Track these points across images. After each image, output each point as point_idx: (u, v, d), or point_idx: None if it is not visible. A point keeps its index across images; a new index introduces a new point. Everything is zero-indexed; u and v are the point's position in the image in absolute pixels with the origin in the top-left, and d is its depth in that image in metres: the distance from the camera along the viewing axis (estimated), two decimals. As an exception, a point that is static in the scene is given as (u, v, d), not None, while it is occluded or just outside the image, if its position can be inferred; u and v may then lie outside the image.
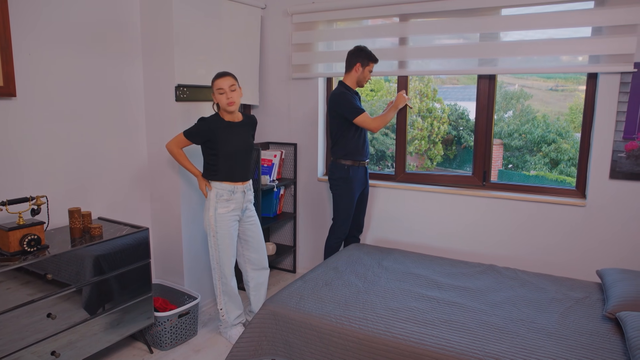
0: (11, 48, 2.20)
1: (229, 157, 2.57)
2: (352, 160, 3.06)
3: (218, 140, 2.51)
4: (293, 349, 2.09)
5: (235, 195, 2.60)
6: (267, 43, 3.69)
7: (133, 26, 2.84)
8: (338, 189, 3.11)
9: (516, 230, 3.06)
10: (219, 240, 2.61)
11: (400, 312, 2.11)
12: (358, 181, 3.11)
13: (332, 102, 3.00)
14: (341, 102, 2.96)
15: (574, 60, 2.84)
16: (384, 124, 3.01)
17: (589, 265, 2.87)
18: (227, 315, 2.74)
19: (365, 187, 3.22)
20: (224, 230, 2.59)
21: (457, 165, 5.55)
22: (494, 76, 3.09)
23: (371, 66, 3.03)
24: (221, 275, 2.67)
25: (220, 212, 2.57)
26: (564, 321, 2.05)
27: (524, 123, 5.35)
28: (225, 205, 2.58)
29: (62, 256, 2.10)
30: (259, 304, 2.82)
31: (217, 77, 2.52)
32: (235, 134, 2.58)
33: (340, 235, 3.20)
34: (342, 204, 3.11)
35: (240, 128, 2.62)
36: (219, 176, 2.57)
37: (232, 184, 2.59)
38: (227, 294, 2.72)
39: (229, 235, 2.61)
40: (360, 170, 3.12)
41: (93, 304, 2.25)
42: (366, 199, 3.27)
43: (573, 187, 3.01)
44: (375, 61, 3.02)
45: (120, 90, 2.82)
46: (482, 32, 3.00)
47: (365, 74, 3.02)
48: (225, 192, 2.58)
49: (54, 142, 2.48)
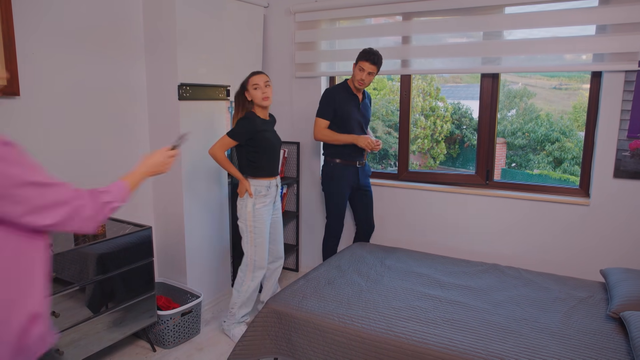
0: (15, 47, 2.21)
1: (269, 152, 2.66)
2: (340, 159, 3.06)
3: (261, 137, 2.60)
4: (296, 347, 2.09)
5: (270, 190, 2.70)
6: (270, 42, 3.69)
7: (136, 25, 2.85)
8: (327, 187, 3.13)
9: (519, 229, 3.05)
10: (256, 236, 2.66)
11: (402, 311, 2.11)
12: (347, 180, 3.09)
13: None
14: (321, 99, 3.04)
15: (577, 59, 2.82)
16: (325, 140, 3.04)
17: (592, 265, 2.86)
18: (237, 310, 2.75)
19: (361, 186, 3.15)
20: (261, 225, 2.67)
21: (460, 164, 5.54)
22: (497, 75, 3.08)
23: (361, 64, 2.88)
24: (253, 269, 2.70)
25: (257, 208, 2.65)
26: (568, 321, 2.05)
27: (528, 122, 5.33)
28: (262, 200, 2.67)
29: (65, 254, 2.10)
30: (269, 293, 2.94)
31: (253, 74, 2.62)
32: (270, 131, 2.71)
33: (334, 234, 3.20)
34: (331, 203, 3.13)
35: (270, 125, 2.75)
36: (261, 173, 2.66)
37: (269, 179, 2.69)
38: (251, 290, 2.73)
39: (264, 229, 2.68)
40: (350, 170, 3.08)
41: (96, 302, 2.26)
42: (367, 198, 3.22)
43: (577, 186, 3.00)
44: (367, 60, 2.85)
45: (123, 89, 2.82)
46: (486, 30, 2.99)
47: (355, 73, 2.94)
48: (263, 187, 2.66)
49: (57, 141, 2.49)
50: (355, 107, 3.03)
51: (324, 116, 3.01)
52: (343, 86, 3.05)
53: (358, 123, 3.04)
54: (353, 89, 3.02)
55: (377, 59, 2.88)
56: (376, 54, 2.88)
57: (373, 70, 2.89)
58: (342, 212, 3.15)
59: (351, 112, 3.01)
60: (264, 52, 3.68)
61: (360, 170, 3.13)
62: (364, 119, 3.10)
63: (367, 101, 3.17)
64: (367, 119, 3.13)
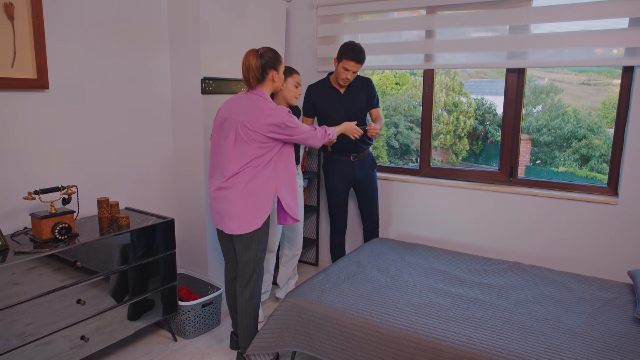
0: (44, 41, 2.27)
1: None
2: (334, 153, 3.07)
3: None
4: (314, 341, 2.11)
5: None
6: (292, 36, 3.69)
7: (160, 19, 2.89)
8: (325, 182, 3.17)
9: (543, 227, 2.99)
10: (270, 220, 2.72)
11: (422, 308, 2.09)
12: (342, 174, 3.08)
13: None
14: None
15: (608, 53, 2.74)
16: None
17: (620, 266, 2.78)
18: None
19: (360, 180, 3.10)
20: (274, 212, 2.74)
21: (483, 160, 5.45)
22: (523, 70, 3.01)
23: (345, 63, 2.77)
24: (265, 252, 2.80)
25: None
26: (592, 322, 2.00)
27: (554, 118, 5.20)
28: None
29: (91, 244, 2.16)
30: (285, 278, 3.14)
31: (296, 72, 2.68)
32: None
33: (336, 230, 3.22)
34: (329, 197, 3.18)
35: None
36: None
37: None
38: (264, 270, 2.86)
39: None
40: (344, 164, 3.06)
41: (120, 291, 2.32)
42: (368, 193, 3.17)
43: (604, 184, 2.92)
44: (352, 59, 2.75)
45: (148, 83, 2.87)
46: (512, 24, 2.92)
47: (338, 71, 2.84)
48: None
49: (83, 133, 2.55)
50: (336, 101, 2.98)
51: (305, 114, 3.07)
52: (323, 81, 3.03)
53: (343, 116, 2.93)
54: (334, 84, 2.98)
55: (362, 57, 2.80)
56: (362, 52, 2.79)
57: (358, 69, 2.83)
58: (342, 207, 3.16)
59: (331, 107, 2.98)
60: (286, 47, 3.68)
61: (357, 164, 3.08)
62: (353, 109, 2.96)
63: (359, 88, 3.00)
64: (356, 107, 2.98)
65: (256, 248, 2.29)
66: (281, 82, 2.35)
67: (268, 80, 2.25)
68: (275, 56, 2.26)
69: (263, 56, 2.21)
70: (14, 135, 2.25)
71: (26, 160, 2.31)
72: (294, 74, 2.66)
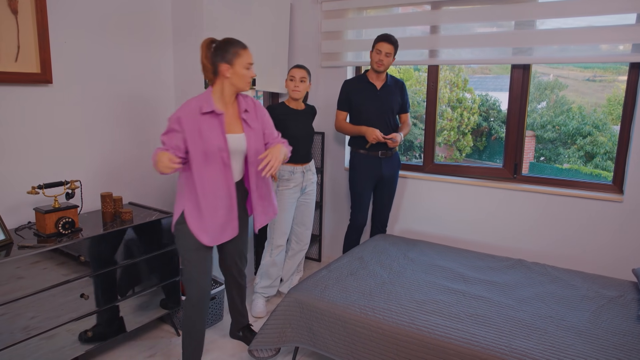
0: (48, 36, 2.26)
1: (289, 140, 2.67)
2: (361, 149, 3.05)
3: (281, 125, 2.73)
4: (317, 337, 2.11)
5: (294, 175, 2.86)
6: (296, 31, 3.68)
7: (165, 14, 2.88)
8: (351, 177, 3.14)
9: (547, 224, 2.98)
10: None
11: (425, 305, 2.09)
12: (368, 171, 3.05)
13: None
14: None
15: (615, 49, 2.71)
16: (341, 131, 3.14)
17: (624, 264, 2.77)
18: (260, 281, 2.97)
19: (384, 179, 3.09)
20: (281, 205, 2.83)
21: (486, 156, 5.43)
22: (528, 66, 2.99)
23: (378, 45, 2.86)
24: (271, 246, 2.91)
25: (280, 190, 2.85)
26: (596, 320, 1.99)
27: (558, 114, 5.17)
28: (285, 184, 2.85)
29: (94, 239, 2.16)
30: (289, 272, 3.15)
31: (295, 66, 2.79)
32: (298, 121, 2.86)
33: (355, 227, 3.18)
34: (353, 193, 3.15)
35: (302, 116, 2.89)
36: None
37: (292, 165, 2.84)
38: (269, 264, 2.93)
39: (284, 210, 2.85)
40: (371, 160, 3.04)
41: (123, 286, 2.32)
42: (389, 192, 3.16)
43: (609, 181, 2.90)
44: (382, 39, 2.85)
45: (152, 78, 2.86)
46: (517, 19, 2.90)
47: (372, 57, 2.92)
48: (286, 172, 2.84)
49: (87, 128, 2.55)
50: (371, 97, 2.98)
51: (340, 107, 3.09)
52: (360, 77, 3.04)
53: (377, 113, 2.98)
54: (371, 79, 2.99)
55: (393, 38, 2.88)
56: (392, 35, 2.89)
57: (390, 50, 2.86)
58: (365, 204, 3.13)
59: (365, 103, 2.98)
60: (290, 42, 3.67)
61: (384, 161, 3.06)
62: (386, 108, 2.99)
63: (394, 88, 3.04)
64: (390, 107, 3.01)
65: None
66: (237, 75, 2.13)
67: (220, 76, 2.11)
68: (226, 46, 2.07)
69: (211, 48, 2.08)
70: (17, 129, 2.25)
71: (30, 154, 2.31)
72: (290, 69, 2.65)
